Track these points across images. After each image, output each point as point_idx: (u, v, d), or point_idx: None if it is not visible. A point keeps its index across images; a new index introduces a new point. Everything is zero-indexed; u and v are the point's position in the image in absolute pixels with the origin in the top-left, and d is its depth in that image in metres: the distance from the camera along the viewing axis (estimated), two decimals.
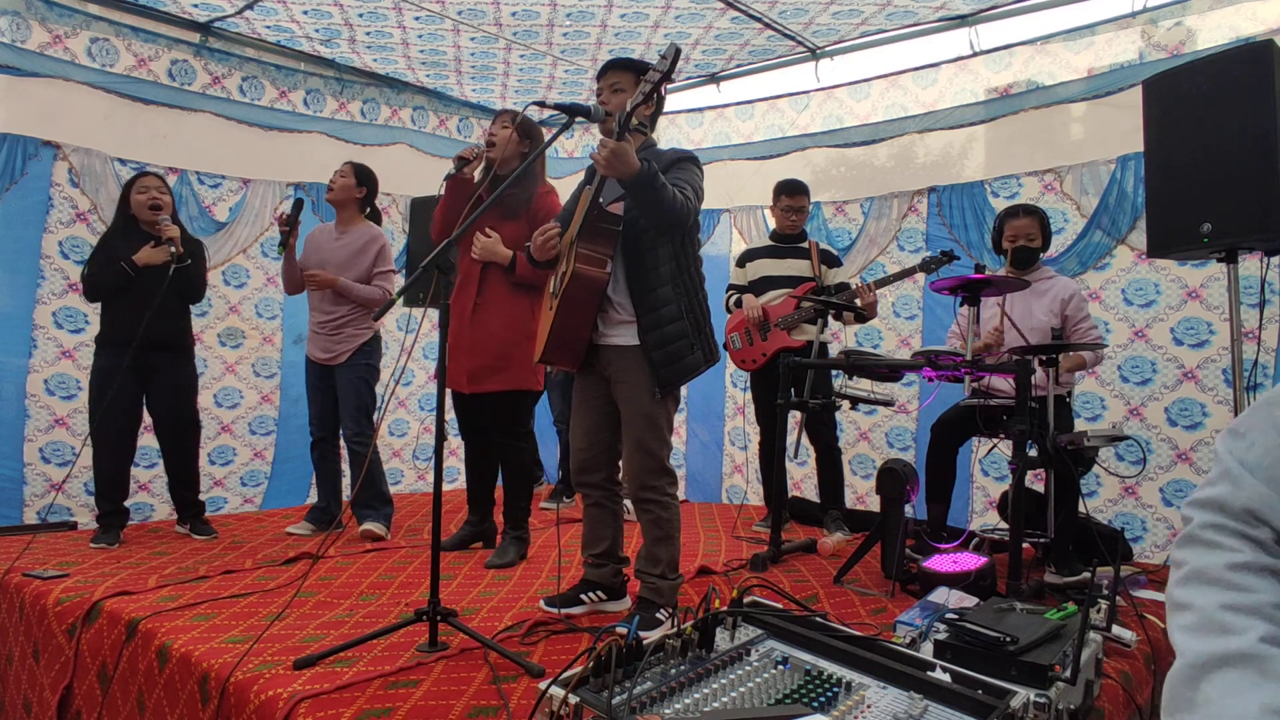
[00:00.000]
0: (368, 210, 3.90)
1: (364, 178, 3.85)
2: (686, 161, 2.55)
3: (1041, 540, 3.16)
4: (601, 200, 2.49)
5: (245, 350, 4.69)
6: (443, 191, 3.21)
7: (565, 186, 5.85)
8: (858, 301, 3.83)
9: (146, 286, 3.48)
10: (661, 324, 2.47)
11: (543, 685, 1.47)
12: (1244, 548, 0.85)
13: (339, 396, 3.82)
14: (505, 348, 3.22)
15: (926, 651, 1.85)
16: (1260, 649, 0.78)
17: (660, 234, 2.47)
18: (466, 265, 3.31)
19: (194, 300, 3.76)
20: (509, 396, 3.34)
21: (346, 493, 4.01)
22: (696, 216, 2.52)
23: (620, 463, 2.72)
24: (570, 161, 5.82)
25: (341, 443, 3.95)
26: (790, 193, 4.08)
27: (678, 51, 2.14)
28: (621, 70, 2.55)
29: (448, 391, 3.04)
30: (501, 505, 3.52)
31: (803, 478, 4.82)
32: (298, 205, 3.77)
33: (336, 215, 3.90)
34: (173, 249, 3.46)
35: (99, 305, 3.62)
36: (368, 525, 3.74)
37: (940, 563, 2.85)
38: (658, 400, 2.51)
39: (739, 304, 4.16)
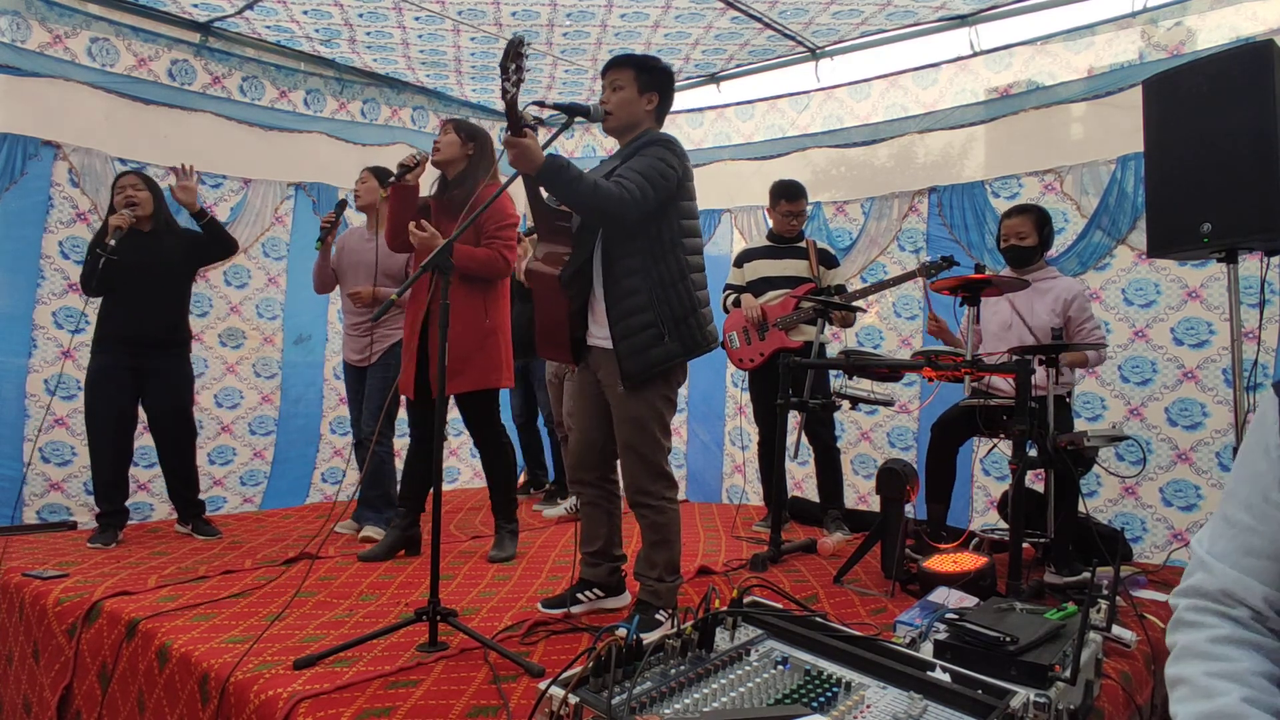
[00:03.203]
0: None
1: (385, 178, 3.88)
2: (651, 145, 2.45)
3: (1041, 540, 3.16)
4: (554, 200, 2.50)
5: (246, 350, 4.68)
6: (386, 198, 3.25)
7: None
8: (860, 303, 3.83)
9: (140, 286, 3.50)
10: (627, 315, 2.42)
11: (543, 685, 1.47)
12: (1223, 624, 0.99)
13: (365, 395, 3.84)
14: (462, 349, 3.19)
15: (926, 651, 1.85)
16: (1242, 708, 0.91)
17: (615, 225, 2.41)
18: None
19: (231, 252, 3.84)
20: (473, 397, 3.34)
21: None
22: (651, 204, 2.37)
23: (616, 462, 2.71)
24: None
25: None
26: (791, 197, 4.07)
27: (512, 41, 2.11)
28: (620, 68, 2.53)
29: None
30: (489, 503, 3.54)
31: (803, 478, 4.82)
32: (340, 205, 3.84)
33: (366, 219, 3.96)
34: (126, 218, 3.46)
35: (99, 306, 3.62)
36: (368, 530, 3.75)
37: (940, 562, 2.85)
38: (646, 402, 2.47)
39: (736, 304, 4.16)
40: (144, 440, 3.81)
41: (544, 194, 2.54)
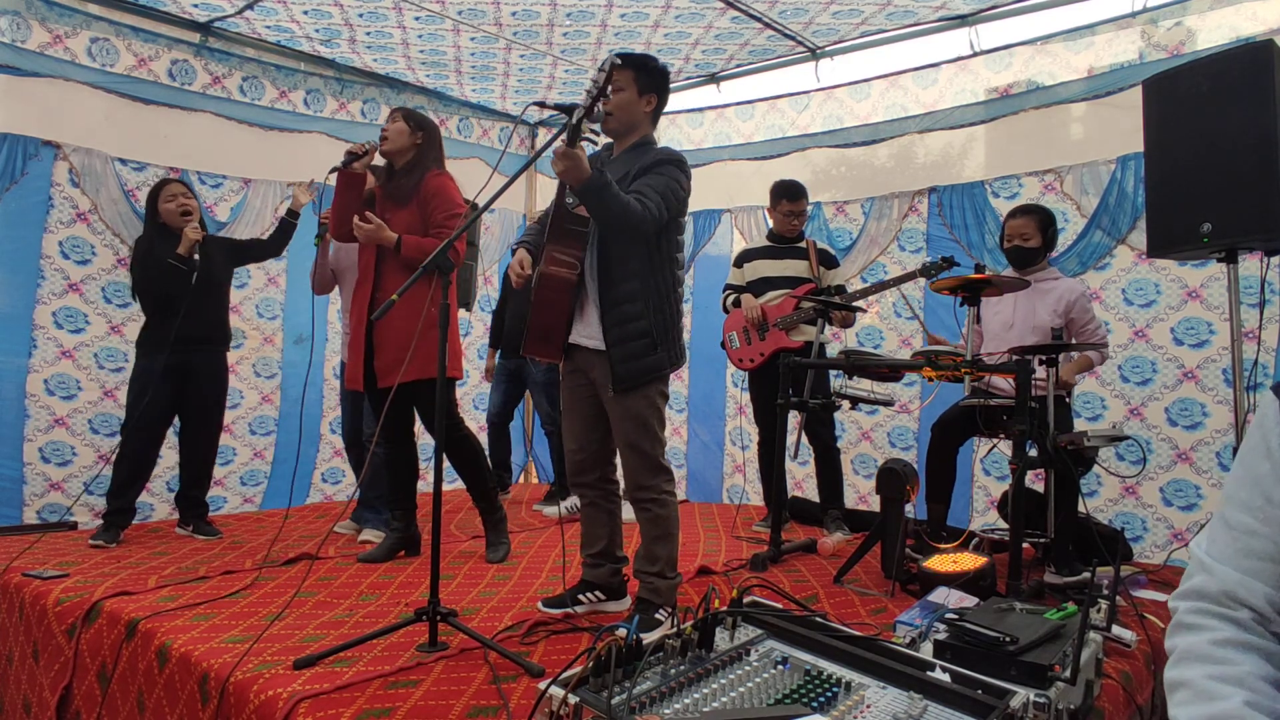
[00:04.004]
0: None
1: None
2: (667, 164, 2.50)
3: (1041, 540, 3.16)
4: (570, 202, 2.50)
5: (246, 350, 4.68)
6: (334, 186, 3.24)
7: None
8: (860, 303, 3.83)
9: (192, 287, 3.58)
10: (623, 321, 2.46)
11: (542, 685, 1.47)
12: (1225, 627, 0.98)
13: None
14: (410, 338, 3.07)
15: (926, 651, 1.85)
16: (1244, 711, 0.89)
17: (632, 238, 2.45)
18: (364, 263, 3.30)
19: (278, 254, 4.15)
20: (420, 387, 3.21)
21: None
22: (664, 223, 2.46)
23: (615, 461, 2.72)
24: None
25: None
26: (792, 197, 4.08)
27: (612, 64, 2.16)
28: (620, 68, 2.53)
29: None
30: (464, 504, 3.59)
31: (803, 478, 4.82)
32: None
33: None
34: (199, 230, 3.64)
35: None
36: (367, 534, 3.76)
37: (940, 562, 2.85)
38: (645, 398, 2.49)
39: (737, 304, 4.16)
40: None
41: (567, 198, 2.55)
